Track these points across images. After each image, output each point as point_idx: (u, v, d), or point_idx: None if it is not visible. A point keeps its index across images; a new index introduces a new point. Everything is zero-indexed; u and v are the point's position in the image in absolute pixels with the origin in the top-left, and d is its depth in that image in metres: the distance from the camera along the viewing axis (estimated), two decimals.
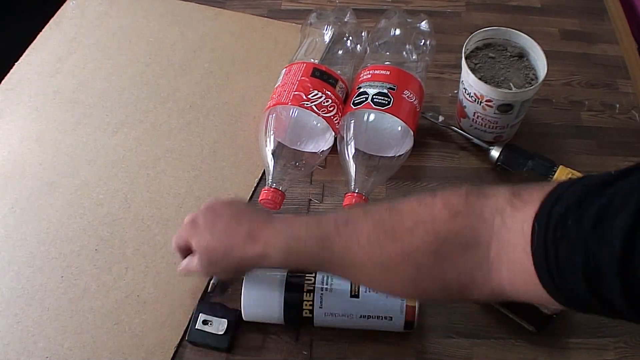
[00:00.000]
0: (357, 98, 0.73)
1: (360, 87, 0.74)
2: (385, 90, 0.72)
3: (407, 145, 0.74)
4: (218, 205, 0.58)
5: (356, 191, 0.69)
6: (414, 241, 0.44)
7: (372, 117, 0.73)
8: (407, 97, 0.73)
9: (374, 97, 0.72)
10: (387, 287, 0.49)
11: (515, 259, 0.39)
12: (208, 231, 0.56)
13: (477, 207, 0.42)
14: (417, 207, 0.45)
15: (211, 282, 0.66)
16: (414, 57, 0.79)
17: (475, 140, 0.78)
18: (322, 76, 0.75)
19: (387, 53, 0.80)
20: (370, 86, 0.73)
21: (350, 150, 0.72)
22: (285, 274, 0.63)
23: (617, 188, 0.35)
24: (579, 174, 0.72)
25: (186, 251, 0.59)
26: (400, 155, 0.74)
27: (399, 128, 0.73)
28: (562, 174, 0.72)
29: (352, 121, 0.73)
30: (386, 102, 0.72)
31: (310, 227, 0.51)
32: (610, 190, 0.35)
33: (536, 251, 0.37)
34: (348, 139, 0.73)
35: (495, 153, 0.76)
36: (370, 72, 0.75)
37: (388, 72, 0.74)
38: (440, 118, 0.80)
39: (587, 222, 0.35)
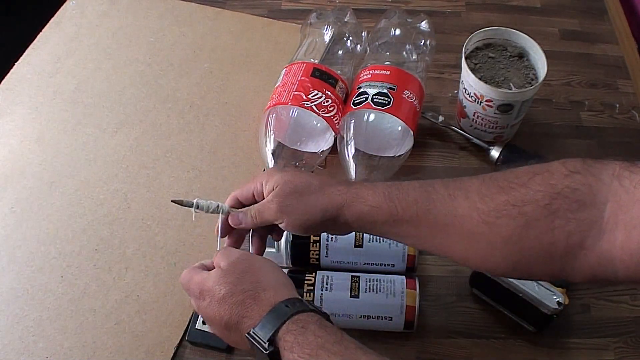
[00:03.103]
0: (357, 98, 0.73)
1: (360, 87, 0.74)
2: (385, 90, 0.72)
3: (407, 145, 0.74)
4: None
5: None
6: (527, 193, 0.43)
7: (372, 117, 0.73)
8: (407, 97, 0.73)
9: (374, 97, 0.72)
10: (485, 244, 0.45)
11: (635, 220, 0.39)
12: None
13: (595, 170, 0.42)
14: (533, 167, 0.45)
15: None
16: (414, 57, 0.79)
17: (475, 140, 0.78)
18: (322, 76, 0.75)
19: (387, 53, 0.80)
20: (370, 86, 0.73)
21: (350, 150, 0.72)
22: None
23: None
24: None
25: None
26: (400, 155, 0.74)
27: (399, 128, 0.73)
28: None
29: (352, 121, 0.73)
30: (386, 102, 0.72)
31: (412, 182, 0.50)
32: None
33: None
34: (348, 139, 0.73)
35: (495, 153, 0.76)
36: (370, 72, 0.75)
37: (388, 72, 0.74)
38: (440, 118, 0.80)
39: None
